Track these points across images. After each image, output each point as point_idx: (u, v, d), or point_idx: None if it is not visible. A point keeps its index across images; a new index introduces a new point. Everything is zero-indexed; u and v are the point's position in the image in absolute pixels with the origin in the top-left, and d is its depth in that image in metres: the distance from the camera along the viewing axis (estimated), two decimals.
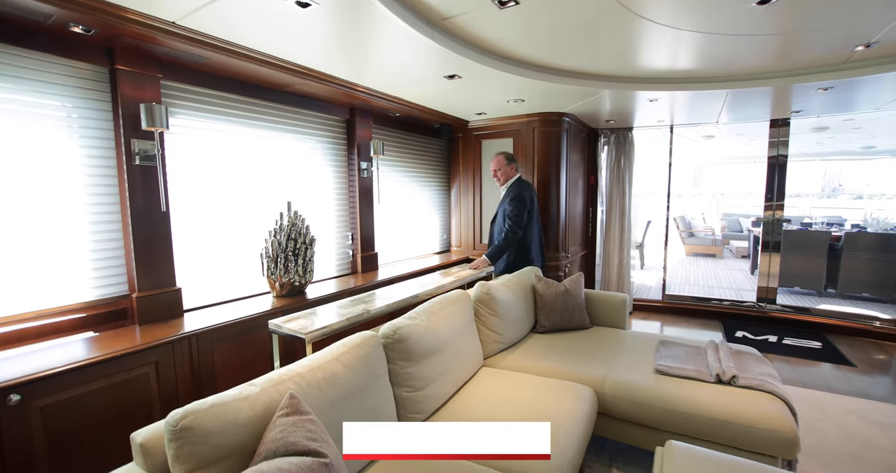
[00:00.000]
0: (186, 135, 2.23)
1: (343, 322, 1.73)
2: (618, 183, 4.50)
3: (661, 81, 2.80)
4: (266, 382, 1.17)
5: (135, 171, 1.92)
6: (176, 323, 2.01)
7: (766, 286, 4.34)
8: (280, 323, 1.68)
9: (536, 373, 2.16)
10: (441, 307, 2.01)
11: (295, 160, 2.84)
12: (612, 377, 2.05)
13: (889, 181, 9.97)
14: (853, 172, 11.44)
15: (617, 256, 4.55)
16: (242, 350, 2.15)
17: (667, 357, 2.20)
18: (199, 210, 2.31)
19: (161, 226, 2.02)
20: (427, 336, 1.76)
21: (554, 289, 2.74)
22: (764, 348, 3.63)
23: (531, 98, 3.08)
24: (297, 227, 2.51)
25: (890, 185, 9.84)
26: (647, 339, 2.56)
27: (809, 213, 9.52)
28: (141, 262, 1.97)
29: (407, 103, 3.13)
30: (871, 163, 9.66)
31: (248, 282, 2.57)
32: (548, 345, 2.49)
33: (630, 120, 4.12)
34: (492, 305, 2.36)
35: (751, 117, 3.97)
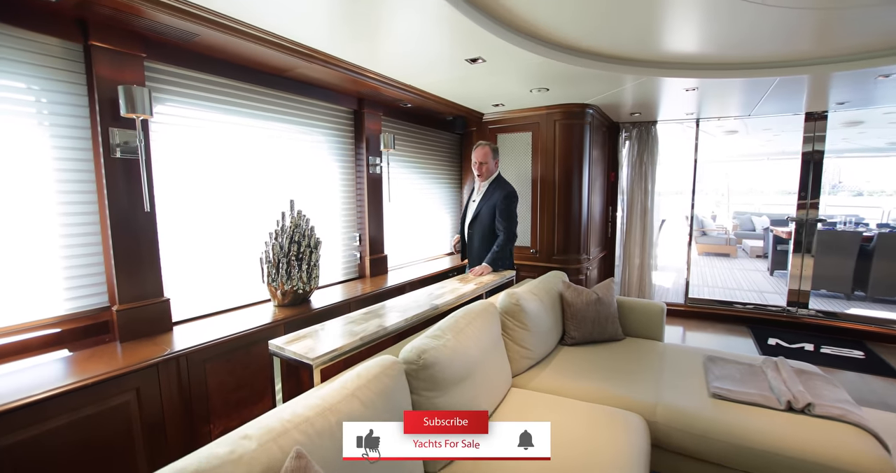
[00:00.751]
0: (174, 124, 1.97)
1: (356, 342, 1.48)
2: (640, 180, 4.24)
3: (704, 67, 2.53)
4: (265, 433, 0.92)
5: (114, 166, 1.66)
6: (163, 339, 1.75)
7: (798, 289, 4.08)
8: (283, 345, 1.42)
9: (574, 396, 1.90)
10: (467, 322, 1.75)
11: (297, 154, 2.57)
12: (663, 402, 1.80)
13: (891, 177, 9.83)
14: (853, 169, 11.37)
15: (638, 258, 4.29)
16: (239, 369, 1.89)
17: (721, 377, 1.95)
18: (189, 210, 2.05)
19: (145, 228, 1.76)
20: (456, 359, 1.50)
21: (584, 297, 2.48)
22: (801, 357, 3.37)
23: (557, 86, 2.81)
24: (300, 229, 2.25)
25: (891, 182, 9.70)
26: (690, 354, 2.30)
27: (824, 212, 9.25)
28: (122, 270, 1.70)
29: (420, 92, 2.86)
30: (872, 159, 9.49)
31: (245, 290, 2.31)
32: (580, 361, 2.23)
33: (655, 112, 3.85)
34: (521, 317, 2.10)
35: (787, 109, 3.70)
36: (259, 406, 1.98)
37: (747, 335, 3.93)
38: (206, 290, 2.13)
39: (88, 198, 1.70)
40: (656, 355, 2.30)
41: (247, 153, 2.29)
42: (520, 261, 3.67)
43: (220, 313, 2.16)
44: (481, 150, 2.87)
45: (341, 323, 1.70)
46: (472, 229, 2.94)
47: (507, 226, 2.80)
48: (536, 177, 3.57)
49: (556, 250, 3.55)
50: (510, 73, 2.49)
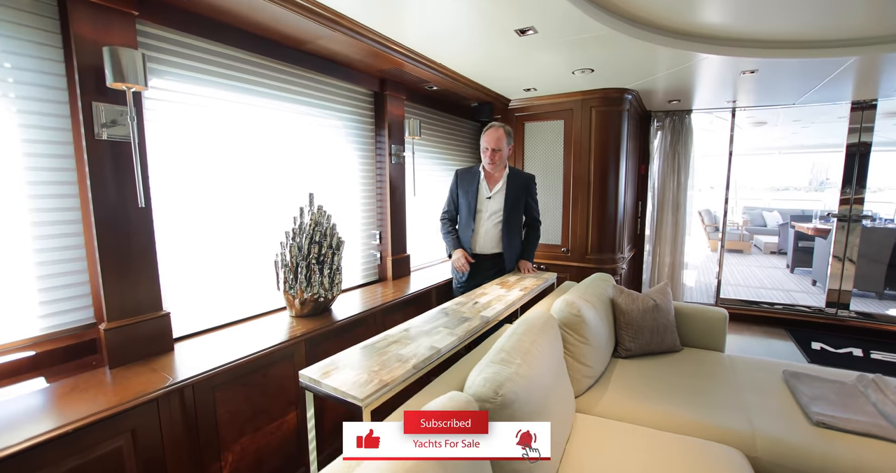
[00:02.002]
0: (173, 102, 1.63)
1: (408, 371, 1.18)
2: (672, 173, 3.96)
3: (774, 45, 2.24)
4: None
5: (99, 150, 1.33)
6: (163, 363, 1.43)
7: (839, 289, 3.85)
8: (318, 378, 1.12)
9: (650, 423, 1.63)
10: (531, 340, 1.46)
11: (314, 141, 2.25)
12: (762, 432, 1.52)
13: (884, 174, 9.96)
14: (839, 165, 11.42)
15: (669, 256, 4.03)
16: (256, 395, 1.59)
17: (816, 399, 1.68)
18: (191, 204, 1.72)
19: (139, 227, 1.43)
20: (532, 391, 1.21)
21: (641, 304, 2.20)
22: (850, 364, 3.14)
23: (607, 66, 2.50)
24: (321, 227, 1.93)
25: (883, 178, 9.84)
26: (763, 368, 2.04)
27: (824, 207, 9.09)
28: (111, 279, 1.38)
29: (449, 73, 2.53)
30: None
31: (257, 298, 2.00)
32: (642, 377, 1.95)
33: (691, 100, 3.56)
34: (582, 330, 1.81)
35: (836, 97, 3.43)
36: (277, 435, 1.67)
37: (787, 338, 3.69)
38: (212, 300, 1.81)
39: (68, 190, 1.37)
40: (725, 369, 2.03)
41: (257, 139, 1.96)
42: (549, 261, 3.39)
43: (228, 325, 1.85)
44: (494, 134, 2.36)
45: (381, 343, 1.39)
46: (483, 222, 2.48)
47: (538, 215, 2.61)
48: (569, 170, 3.27)
49: (590, 249, 3.27)
50: (560, 48, 2.17)
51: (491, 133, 2.38)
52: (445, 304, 1.86)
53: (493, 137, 2.37)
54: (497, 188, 2.47)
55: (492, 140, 2.37)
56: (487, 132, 2.40)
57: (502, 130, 2.37)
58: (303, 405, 1.76)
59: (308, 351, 1.79)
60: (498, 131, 2.37)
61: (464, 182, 2.52)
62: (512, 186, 2.48)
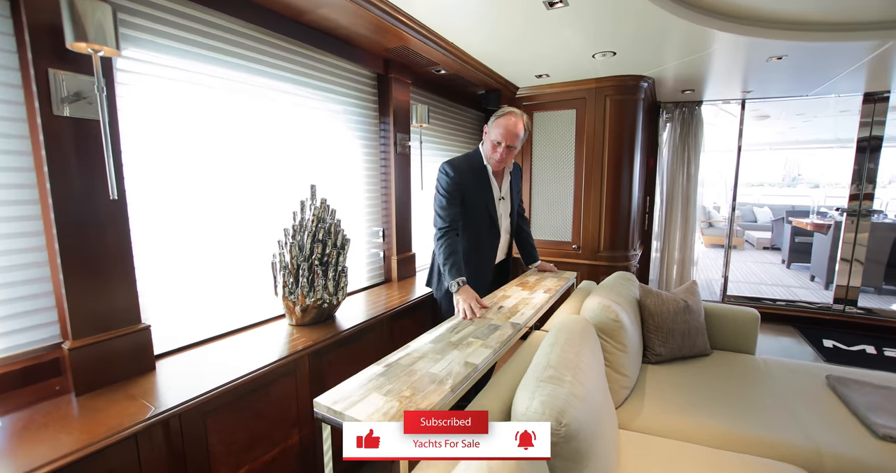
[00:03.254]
0: (153, 77, 1.38)
1: (447, 395, 0.99)
2: (681, 166, 3.83)
3: (811, 27, 2.09)
4: None
5: (59, 130, 1.08)
6: (143, 387, 1.20)
7: (847, 285, 3.80)
8: (338, 408, 0.91)
9: (700, 441, 1.47)
10: (576, 352, 1.27)
11: (311, 126, 2.01)
12: (826, 448, 1.37)
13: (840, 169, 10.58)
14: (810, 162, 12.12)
15: (678, 252, 3.91)
16: (253, 419, 1.36)
17: (874, 410, 1.54)
18: (173, 197, 1.48)
19: (112, 224, 1.19)
20: (589, 413, 1.03)
21: (671, 306, 2.04)
22: (863, 362, 3.07)
23: (630, 48, 2.31)
24: (325, 224, 1.71)
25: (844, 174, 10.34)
26: (801, 372, 1.91)
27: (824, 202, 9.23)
28: (76, 288, 1.14)
29: (459, 54, 2.32)
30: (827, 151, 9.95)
31: (251, 305, 1.77)
32: (678, 386, 1.80)
33: (704, 90, 3.43)
34: (620, 336, 1.64)
35: (853, 88, 3.33)
36: (280, 464, 1.45)
37: (796, 335, 3.62)
38: (199, 309, 1.58)
39: (24, 179, 1.12)
40: (763, 374, 1.89)
41: (250, 122, 1.72)
42: (558, 259, 3.21)
43: (219, 338, 1.61)
44: (514, 125, 1.78)
45: (405, 359, 1.19)
46: (503, 232, 2.07)
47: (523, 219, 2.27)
48: (581, 163, 3.10)
49: (602, 246, 3.11)
50: (588, 24, 1.98)
51: (509, 122, 1.78)
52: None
53: (512, 130, 1.78)
54: (505, 186, 2.05)
55: (509, 134, 1.78)
56: (502, 119, 1.79)
57: (522, 122, 1.81)
58: (307, 425, 1.55)
59: (312, 364, 1.57)
60: (518, 122, 1.79)
61: (472, 179, 1.88)
62: (515, 181, 2.14)
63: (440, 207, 1.84)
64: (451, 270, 1.71)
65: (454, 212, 1.84)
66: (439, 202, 1.85)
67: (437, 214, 1.85)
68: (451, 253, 1.75)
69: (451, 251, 1.76)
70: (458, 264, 1.73)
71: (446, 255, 1.75)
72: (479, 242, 1.96)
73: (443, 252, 1.76)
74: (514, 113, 1.83)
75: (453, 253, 1.76)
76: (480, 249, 1.98)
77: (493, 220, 1.98)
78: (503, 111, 1.84)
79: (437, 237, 1.81)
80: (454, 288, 1.67)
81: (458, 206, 1.85)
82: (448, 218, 1.82)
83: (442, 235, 1.79)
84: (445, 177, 1.84)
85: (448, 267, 1.72)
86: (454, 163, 1.88)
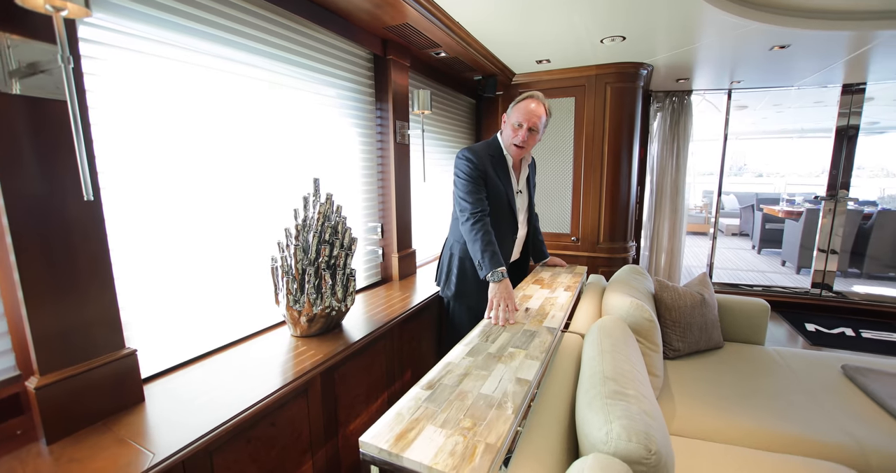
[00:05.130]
0: (128, 50, 1.14)
1: (511, 421, 0.85)
2: (671, 156, 3.84)
3: (817, 15, 2.06)
4: None
5: (9, 111, 0.85)
6: (131, 424, 1.00)
7: (824, 270, 3.96)
8: (394, 450, 0.76)
9: (741, 443, 1.42)
10: (625, 358, 1.18)
11: (304, 112, 1.79)
12: (869, 445, 1.35)
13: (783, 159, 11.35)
14: (755, 152, 13.07)
15: (667, 242, 3.94)
16: (264, 450, 1.19)
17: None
18: (145, 192, 1.25)
19: (85, 231, 0.97)
20: (662, 429, 0.93)
21: (687, 300, 2.00)
22: (845, 344, 3.21)
23: (640, 33, 2.21)
24: (331, 222, 1.52)
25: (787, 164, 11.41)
26: (818, 363, 1.92)
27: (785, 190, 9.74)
28: (40, 311, 0.91)
29: (462, 34, 2.14)
30: (768, 141, 10.81)
31: (249, 314, 1.56)
32: (703, 382, 1.76)
33: (695, 80, 3.41)
34: (653, 336, 1.57)
35: (829, 80, 3.41)
36: None
37: (781, 320, 3.74)
38: (189, 322, 1.36)
39: None
40: (781, 367, 1.89)
41: (234, 107, 1.49)
42: (556, 251, 3.14)
43: (214, 353, 1.41)
44: (537, 108, 1.68)
45: (447, 378, 1.04)
46: (521, 226, 1.94)
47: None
48: (580, 152, 3.02)
49: (602, 237, 3.06)
50: (604, 8, 1.85)
51: (529, 105, 1.68)
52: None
53: (534, 111, 1.67)
54: (522, 180, 1.91)
55: (531, 115, 1.66)
56: (523, 103, 1.69)
57: (544, 106, 1.71)
58: (319, 450, 1.38)
59: (324, 382, 1.40)
60: (540, 106, 1.69)
61: (493, 167, 1.75)
62: (532, 175, 2.02)
63: (466, 193, 1.69)
64: (492, 258, 1.55)
65: (482, 197, 1.69)
66: (464, 187, 1.69)
67: (463, 200, 1.69)
68: (490, 240, 1.59)
69: (489, 238, 1.59)
70: (498, 253, 1.57)
71: (485, 241, 1.58)
72: (499, 236, 1.79)
73: (480, 237, 1.58)
74: (535, 96, 1.73)
75: (492, 241, 1.59)
76: (500, 244, 1.81)
77: (513, 213, 1.86)
78: (523, 95, 1.73)
79: (469, 222, 1.64)
80: (496, 277, 1.51)
81: (484, 192, 1.71)
82: (478, 202, 1.66)
83: (476, 220, 1.63)
84: (467, 163, 1.71)
85: (489, 255, 1.55)
86: (474, 149, 1.76)
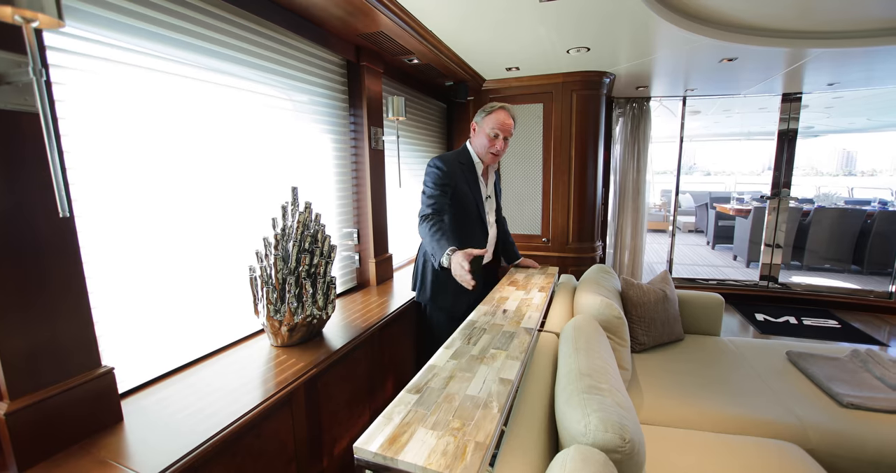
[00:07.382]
0: (96, 58, 1.10)
1: (499, 419, 0.90)
2: (632, 158, 4.05)
3: (761, 33, 2.26)
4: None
5: None
6: (111, 444, 0.97)
7: (770, 263, 4.30)
8: (388, 453, 0.79)
9: (702, 427, 1.55)
10: (599, 355, 1.26)
11: (276, 119, 1.78)
12: (808, 421, 1.51)
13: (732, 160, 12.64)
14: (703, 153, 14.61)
15: (630, 240, 4.15)
16: (249, 463, 1.18)
17: (833, 380, 1.73)
18: (123, 205, 1.21)
19: (57, 248, 0.93)
20: (633, 418, 1.01)
21: (651, 296, 2.14)
22: (789, 331, 3.51)
23: (603, 46, 2.34)
24: (310, 231, 1.52)
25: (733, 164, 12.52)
26: (767, 351, 2.10)
27: (734, 188, 10.44)
28: (8, 333, 0.88)
29: (434, 42, 2.19)
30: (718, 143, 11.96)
31: (223, 323, 1.54)
32: (667, 373, 1.89)
33: (653, 87, 3.62)
34: (622, 332, 1.67)
35: (771, 89, 3.71)
36: None
37: (734, 311, 4.03)
38: (164, 334, 1.33)
39: None
40: (735, 355, 2.06)
41: (212, 114, 1.46)
42: (528, 252, 3.24)
43: (192, 364, 1.38)
44: (507, 116, 1.81)
45: (434, 381, 1.08)
46: (490, 229, 2.02)
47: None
48: (549, 156, 3.13)
49: (570, 238, 3.19)
50: (570, 21, 1.95)
51: (501, 115, 1.80)
52: (471, 316, 1.58)
53: (507, 122, 1.80)
54: (490, 185, 2.04)
55: (505, 125, 1.80)
56: (495, 114, 1.80)
57: (512, 117, 1.85)
58: (304, 458, 1.38)
59: (307, 391, 1.40)
60: (509, 116, 1.82)
61: (462, 175, 1.84)
62: (497, 182, 2.14)
63: (427, 197, 1.74)
64: (439, 244, 1.53)
65: (442, 202, 1.74)
66: (428, 193, 1.75)
67: (423, 204, 1.74)
68: (437, 230, 1.59)
69: (437, 229, 1.60)
70: (444, 237, 1.56)
71: (434, 236, 1.57)
72: (470, 241, 1.89)
73: (430, 233, 1.59)
74: (505, 107, 1.87)
75: (439, 230, 1.60)
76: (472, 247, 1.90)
77: (482, 218, 1.94)
78: (492, 106, 1.85)
79: (422, 223, 1.66)
80: (446, 260, 1.48)
81: (447, 199, 1.77)
82: (435, 205, 1.71)
83: (426, 220, 1.66)
84: (436, 171, 1.78)
85: (436, 244, 1.54)
86: (445, 158, 1.84)
